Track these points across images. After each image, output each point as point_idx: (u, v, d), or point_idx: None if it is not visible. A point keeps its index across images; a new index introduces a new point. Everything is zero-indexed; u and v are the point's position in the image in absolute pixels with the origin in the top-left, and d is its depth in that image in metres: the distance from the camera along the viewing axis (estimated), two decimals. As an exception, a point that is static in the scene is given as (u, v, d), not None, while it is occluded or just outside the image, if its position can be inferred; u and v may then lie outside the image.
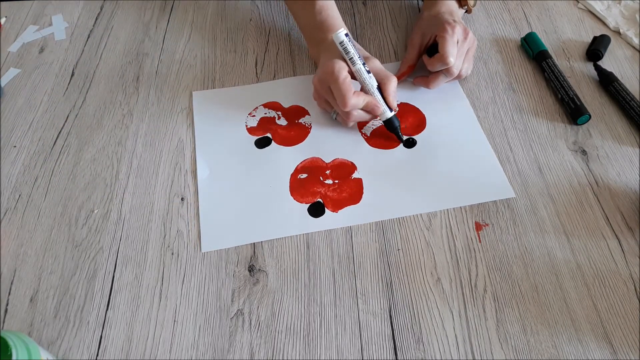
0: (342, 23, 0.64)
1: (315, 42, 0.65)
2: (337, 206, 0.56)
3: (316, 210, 0.55)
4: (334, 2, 0.65)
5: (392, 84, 0.59)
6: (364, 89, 0.59)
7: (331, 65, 0.57)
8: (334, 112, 0.62)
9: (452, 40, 0.60)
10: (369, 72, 0.58)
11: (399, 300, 0.49)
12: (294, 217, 0.55)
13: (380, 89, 0.59)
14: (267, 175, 0.58)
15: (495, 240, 0.52)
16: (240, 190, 0.57)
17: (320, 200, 0.56)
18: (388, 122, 0.60)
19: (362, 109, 0.58)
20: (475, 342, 0.46)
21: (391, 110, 0.59)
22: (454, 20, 0.62)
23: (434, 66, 0.62)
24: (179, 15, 0.78)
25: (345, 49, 0.57)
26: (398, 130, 0.60)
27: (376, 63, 0.60)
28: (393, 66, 0.69)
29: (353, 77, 0.58)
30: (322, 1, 0.64)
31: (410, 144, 0.61)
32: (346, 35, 0.56)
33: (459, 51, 0.61)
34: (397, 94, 0.65)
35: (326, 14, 0.64)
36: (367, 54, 0.62)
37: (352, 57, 0.57)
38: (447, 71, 0.62)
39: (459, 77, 0.64)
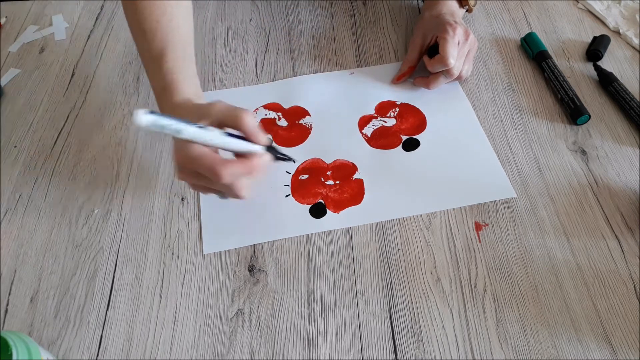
0: (192, 85, 0.52)
1: (166, 108, 0.50)
2: (338, 207, 0.56)
3: (318, 211, 0.55)
4: (192, 56, 0.54)
5: (245, 121, 0.45)
6: (220, 149, 0.46)
7: (180, 153, 0.45)
8: (220, 193, 0.49)
9: (452, 41, 0.60)
10: (201, 126, 0.44)
11: (399, 300, 0.49)
12: (296, 218, 0.55)
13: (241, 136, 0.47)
14: (268, 177, 0.58)
15: (495, 240, 0.52)
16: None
17: (321, 201, 0.56)
18: (270, 152, 0.49)
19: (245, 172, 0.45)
20: (475, 342, 0.46)
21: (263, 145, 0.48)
22: (455, 22, 0.62)
23: (434, 67, 0.62)
24: (179, 15, 0.78)
25: (161, 128, 0.41)
26: (284, 157, 0.52)
27: (221, 105, 0.46)
28: (394, 66, 0.69)
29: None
30: (173, 58, 0.51)
31: (412, 145, 0.61)
32: (151, 112, 0.40)
33: (459, 52, 0.61)
34: (398, 94, 0.66)
35: (175, 76, 0.50)
36: (204, 101, 0.49)
37: (175, 129, 0.42)
38: (447, 72, 0.62)
39: (459, 78, 0.64)
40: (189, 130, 0.43)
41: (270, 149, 0.49)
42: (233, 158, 0.46)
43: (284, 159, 0.52)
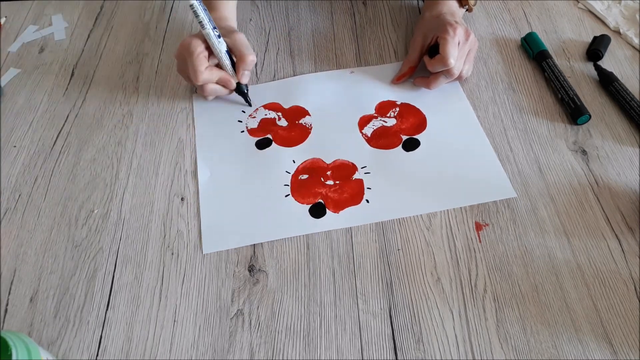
0: (229, 8, 0.68)
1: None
2: (338, 207, 0.56)
3: (317, 211, 0.55)
4: None
5: (246, 60, 0.61)
6: (216, 56, 0.61)
7: (188, 40, 0.59)
8: (195, 86, 0.64)
9: (453, 41, 0.60)
10: (219, 37, 0.60)
11: (399, 300, 0.49)
12: (296, 218, 0.55)
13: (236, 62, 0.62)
14: (268, 177, 0.58)
15: (495, 240, 0.52)
16: (241, 191, 0.57)
17: (321, 201, 0.56)
18: (236, 89, 0.63)
19: (217, 83, 0.61)
20: (475, 342, 0.46)
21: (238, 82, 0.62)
22: (456, 22, 0.62)
23: (435, 67, 0.62)
24: (179, 15, 0.78)
25: (195, 12, 0.57)
26: (245, 95, 0.64)
27: (240, 37, 0.62)
28: (394, 66, 0.69)
29: (211, 53, 0.61)
30: None
31: (413, 144, 0.61)
32: (197, 1, 0.58)
33: (459, 52, 0.61)
34: (398, 94, 0.66)
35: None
36: (234, 28, 0.65)
37: (201, 21, 0.58)
38: (447, 72, 0.62)
39: (459, 78, 0.64)
40: (207, 28, 0.58)
41: (240, 85, 0.63)
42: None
43: (243, 97, 0.64)
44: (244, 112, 0.65)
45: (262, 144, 0.62)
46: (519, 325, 0.47)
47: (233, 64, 0.62)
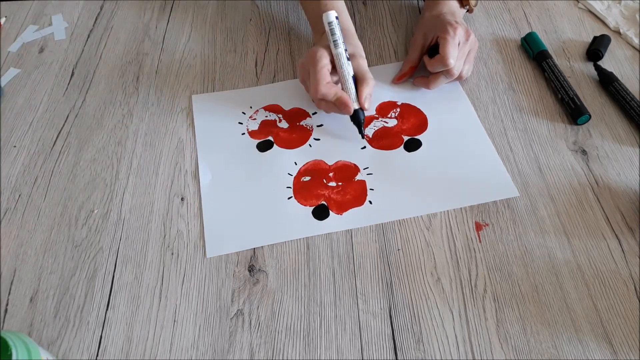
0: (347, 15, 0.65)
1: (317, 33, 0.66)
2: (341, 208, 0.55)
3: (321, 213, 0.55)
4: None
5: (369, 85, 0.59)
6: (339, 76, 0.59)
7: (314, 51, 0.58)
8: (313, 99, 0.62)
9: (453, 41, 0.60)
10: (348, 59, 0.58)
11: (399, 300, 0.49)
12: (299, 221, 0.55)
13: (357, 86, 0.59)
14: (270, 179, 0.58)
15: (495, 240, 0.52)
16: (244, 194, 0.57)
17: (324, 202, 0.56)
18: (353, 115, 0.59)
19: (333, 102, 0.58)
20: (475, 342, 0.46)
21: (360, 107, 0.59)
22: (456, 22, 0.62)
23: (434, 67, 0.62)
24: (179, 15, 0.78)
25: (331, 30, 0.57)
26: (361, 126, 0.60)
27: (363, 63, 0.60)
28: (394, 66, 0.69)
29: (335, 69, 0.59)
30: None
31: (414, 145, 0.61)
32: (336, 17, 0.57)
33: (460, 53, 0.61)
34: (398, 94, 0.66)
35: (331, 4, 0.64)
36: (361, 53, 0.62)
37: (336, 40, 0.57)
38: (447, 72, 0.62)
39: (459, 78, 0.64)
40: (340, 47, 0.58)
41: (358, 111, 0.59)
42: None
43: (358, 127, 0.60)
44: (244, 113, 0.65)
45: (263, 146, 0.61)
46: (519, 325, 0.47)
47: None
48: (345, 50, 0.58)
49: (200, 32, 0.75)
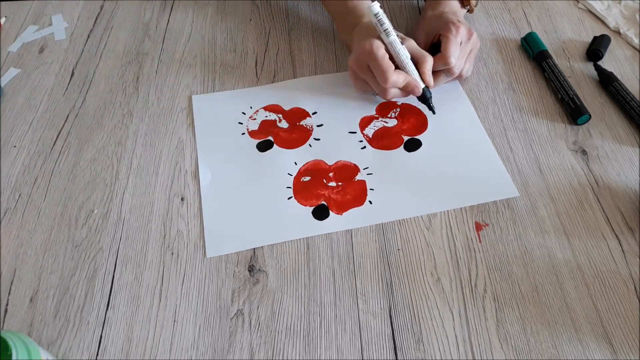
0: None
1: (347, 27, 0.67)
2: (341, 209, 0.55)
3: (321, 213, 0.55)
4: None
5: (429, 62, 0.60)
6: (398, 62, 0.60)
7: (369, 44, 0.58)
8: (374, 92, 0.63)
9: (455, 40, 0.60)
10: (402, 44, 0.59)
11: (399, 300, 0.49)
12: (299, 221, 0.54)
13: (416, 67, 0.61)
14: (270, 179, 0.58)
15: (495, 240, 0.52)
16: (244, 194, 0.57)
17: (324, 202, 0.56)
18: (422, 95, 0.61)
19: (400, 88, 0.60)
20: (475, 342, 0.46)
21: (426, 86, 0.61)
22: (459, 20, 0.62)
23: (436, 65, 0.62)
24: (179, 15, 0.78)
25: (380, 21, 0.57)
26: (429, 102, 0.62)
27: (412, 42, 0.61)
28: (393, 66, 0.69)
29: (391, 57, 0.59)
30: None
31: (414, 145, 0.61)
32: (381, 7, 0.58)
33: (461, 52, 0.61)
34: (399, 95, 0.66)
35: (357, 1, 0.65)
36: (402, 34, 0.62)
37: (387, 29, 0.58)
38: (448, 71, 0.62)
39: (459, 77, 0.64)
40: (392, 35, 0.58)
41: (426, 89, 0.61)
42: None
43: (428, 105, 0.62)
44: (244, 113, 0.65)
45: (264, 146, 0.61)
46: (519, 325, 0.47)
47: None
48: (397, 35, 0.59)
49: (200, 32, 0.75)
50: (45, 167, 0.61)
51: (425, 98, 0.62)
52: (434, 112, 0.62)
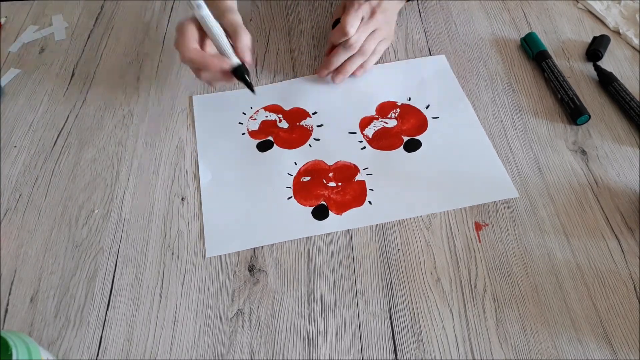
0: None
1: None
2: (341, 209, 0.55)
3: (321, 213, 0.55)
4: None
5: (244, 36, 0.56)
6: (211, 38, 0.56)
7: (179, 23, 0.56)
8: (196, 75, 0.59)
9: (355, 13, 0.60)
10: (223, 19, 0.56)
11: (399, 300, 0.49)
12: (299, 221, 0.55)
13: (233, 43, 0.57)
14: (270, 179, 0.58)
15: (495, 240, 0.52)
16: (244, 194, 0.57)
17: (324, 202, 0.56)
18: (235, 71, 0.56)
19: (209, 67, 0.55)
20: (475, 342, 0.46)
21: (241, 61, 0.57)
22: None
23: (335, 38, 0.62)
24: (179, 15, 0.79)
25: None
26: (246, 80, 0.57)
27: (233, 18, 0.57)
28: (394, 67, 0.69)
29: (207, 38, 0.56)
30: None
31: (414, 145, 0.61)
32: None
33: (362, 27, 0.61)
34: (398, 95, 0.66)
35: None
36: (233, 7, 0.59)
37: (199, 4, 0.54)
38: (346, 44, 0.62)
39: (361, 54, 0.63)
40: (205, 10, 0.54)
41: (241, 67, 0.56)
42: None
43: (245, 83, 0.58)
44: (244, 113, 0.65)
45: (264, 146, 0.62)
46: (519, 325, 0.47)
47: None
48: (210, 12, 0.55)
49: (201, 32, 0.75)
50: (46, 167, 0.61)
51: (240, 75, 0.57)
52: (253, 91, 0.59)
